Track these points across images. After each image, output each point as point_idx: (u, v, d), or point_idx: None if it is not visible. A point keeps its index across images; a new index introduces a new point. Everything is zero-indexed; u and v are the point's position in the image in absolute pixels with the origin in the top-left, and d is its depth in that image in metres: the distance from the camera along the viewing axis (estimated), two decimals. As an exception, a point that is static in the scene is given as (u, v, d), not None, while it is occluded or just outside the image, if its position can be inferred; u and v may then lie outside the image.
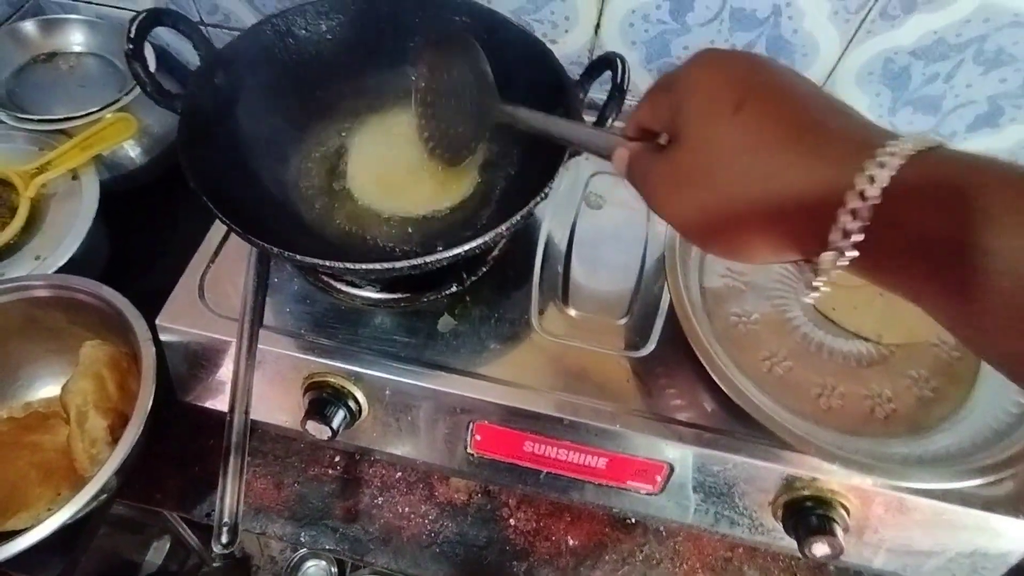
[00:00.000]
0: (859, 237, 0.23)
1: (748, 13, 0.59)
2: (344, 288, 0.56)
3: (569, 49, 0.67)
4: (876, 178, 0.23)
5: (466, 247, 0.45)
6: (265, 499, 0.63)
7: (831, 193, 0.24)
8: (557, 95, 0.54)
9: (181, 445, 0.64)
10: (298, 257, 0.44)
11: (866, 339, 0.53)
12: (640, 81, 0.69)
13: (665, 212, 0.31)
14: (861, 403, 0.51)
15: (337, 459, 0.65)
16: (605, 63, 0.51)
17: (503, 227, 0.46)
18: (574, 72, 0.68)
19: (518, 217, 0.46)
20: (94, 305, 0.58)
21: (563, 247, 0.62)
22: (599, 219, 0.64)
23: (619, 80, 0.48)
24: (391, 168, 0.57)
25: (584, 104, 0.53)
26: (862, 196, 0.23)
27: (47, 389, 0.63)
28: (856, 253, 0.24)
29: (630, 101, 0.48)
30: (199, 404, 0.60)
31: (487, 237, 0.45)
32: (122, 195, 0.72)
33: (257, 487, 0.63)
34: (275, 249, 0.44)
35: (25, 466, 0.56)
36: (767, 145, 0.26)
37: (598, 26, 0.64)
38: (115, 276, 0.70)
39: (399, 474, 0.65)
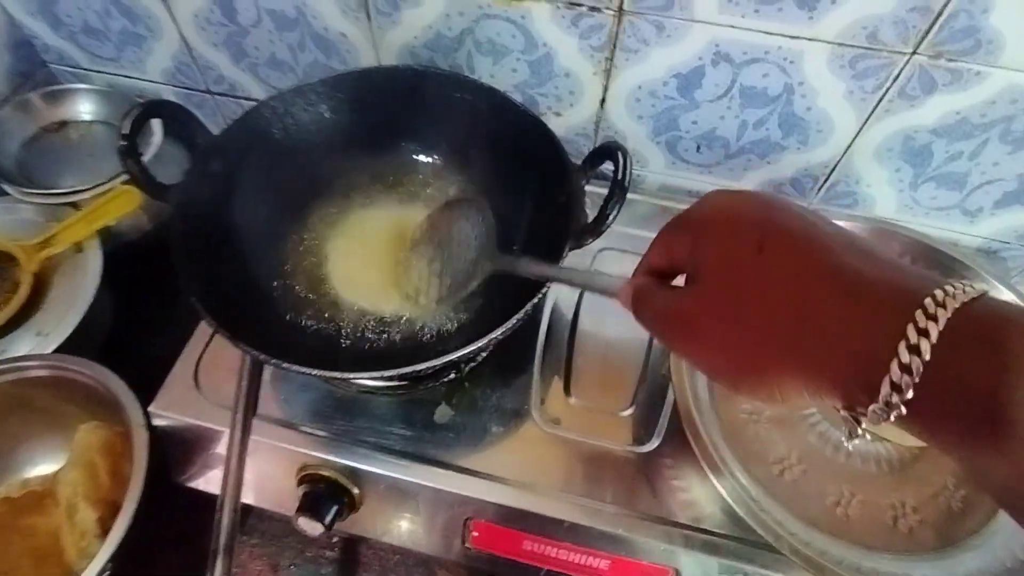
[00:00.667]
0: (910, 394, 0.22)
1: (759, 91, 0.57)
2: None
3: (574, 121, 0.66)
4: (928, 331, 0.22)
5: (459, 354, 0.43)
6: (260, 583, 0.61)
7: (877, 343, 0.23)
8: (559, 180, 0.52)
9: (176, 523, 0.63)
10: (294, 368, 0.42)
11: (888, 440, 0.50)
12: (649, 154, 0.67)
13: (689, 353, 0.30)
14: (882, 514, 0.48)
15: (335, 539, 0.64)
16: (606, 153, 0.49)
17: (499, 332, 0.44)
18: (579, 143, 0.68)
19: (514, 321, 0.45)
20: (90, 386, 0.58)
21: (566, 330, 0.60)
22: (604, 299, 0.62)
23: (620, 176, 0.46)
24: (383, 262, 0.56)
25: (585, 193, 0.51)
26: (914, 350, 0.22)
27: (44, 466, 0.63)
28: (905, 410, 0.22)
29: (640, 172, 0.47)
30: (194, 488, 0.58)
31: (478, 344, 0.43)
32: (127, 260, 0.71)
33: (252, 569, 0.62)
34: (270, 359, 0.42)
35: (18, 553, 0.55)
36: (798, 283, 0.25)
37: (603, 100, 0.62)
38: (117, 344, 0.70)
39: (397, 557, 0.63)
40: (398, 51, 0.64)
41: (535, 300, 0.46)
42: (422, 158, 0.63)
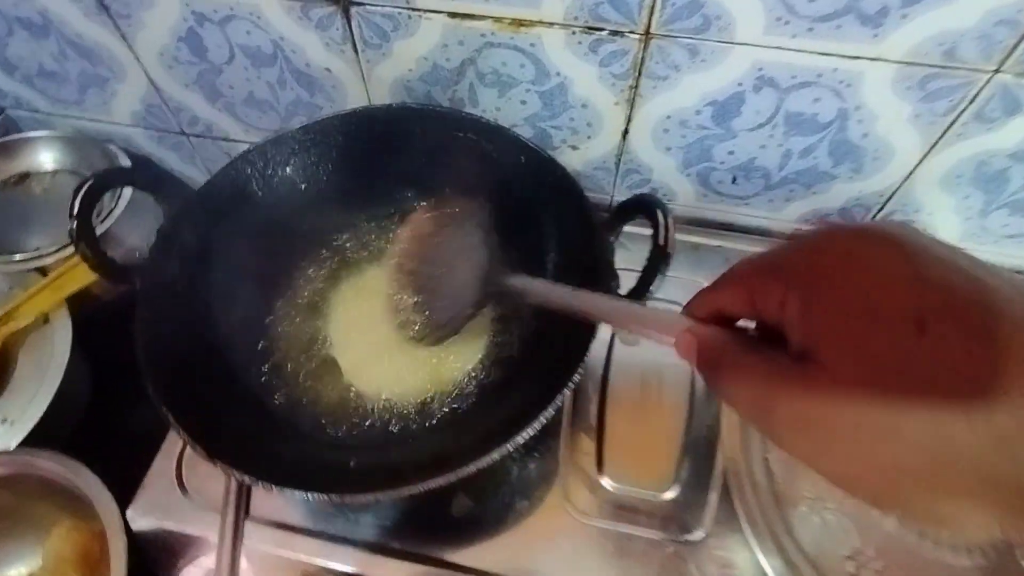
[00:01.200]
0: None
1: (808, 118, 0.50)
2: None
3: (593, 154, 0.58)
4: None
5: (472, 467, 0.36)
6: None
7: None
8: (583, 238, 0.45)
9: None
10: (276, 489, 0.36)
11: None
12: (677, 187, 0.60)
13: (809, 458, 0.21)
14: (977, 620, 0.41)
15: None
16: (640, 208, 0.42)
17: (524, 433, 0.37)
18: (598, 178, 0.60)
19: (543, 417, 0.37)
20: (62, 484, 0.51)
21: (595, 399, 0.53)
22: (635, 357, 0.55)
23: (662, 240, 0.39)
24: (382, 336, 0.48)
25: (614, 252, 0.44)
26: None
27: (18, 566, 0.56)
28: None
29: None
30: (183, 592, 0.52)
31: (496, 453, 0.36)
32: (100, 323, 0.64)
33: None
34: (258, 481, 0.36)
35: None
36: (985, 382, 0.17)
37: (626, 131, 0.55)
38: (95, 419, 0.64)
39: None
40: (391, 86, 0.56)
41: (577, 375, 0.38)
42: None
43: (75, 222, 0.41)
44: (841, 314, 0.20)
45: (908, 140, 0.50)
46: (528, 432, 0.36)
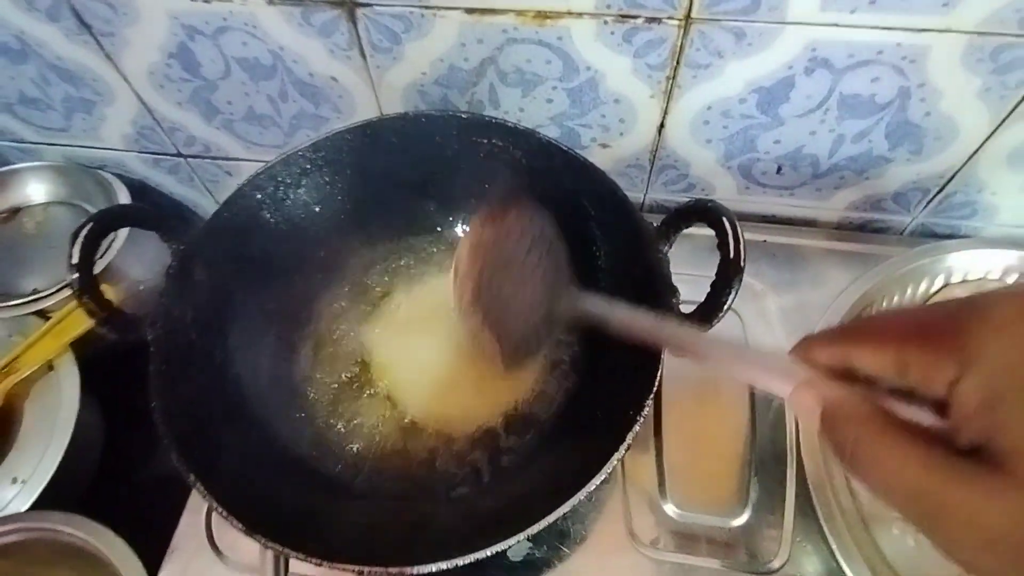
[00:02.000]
0: None
1: (865, 99, 0.45)
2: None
3: (626, 152, 0.54)
4: None
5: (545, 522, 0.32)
6: None
7: None
8: (631, 246, 0.41)
9: None
10: (324, 564, 0.32)
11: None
12: (717, 181, 0.55)
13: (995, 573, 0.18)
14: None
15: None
16: (699, 214, 0.37)
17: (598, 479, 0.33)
18: (631, 175, 0.56)
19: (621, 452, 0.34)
20: (81, 547, 0.48)
21: (650, 416, 0.49)
22: (687, 368, 0.51)
23: (732, 254, 0.35)
24: (431, 368, 0.45)
25: (670, 262, 0.40)
26: None
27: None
28: None
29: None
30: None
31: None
32: (110, 364, 0.61)
33: None
34: (300, 555, 0.32)
35: None
36: None
37: (662, 125, 0.50)
38: (115, 462, 0.60)
39: None
40: (403, 92, 0.52)
41: (646, 408, 0.35)
42: (447, 224, 0.52)
43: (75, 273, 0.36)
44: None
45: (975, 116, 0.45)
46: (598, 480, 0.33)
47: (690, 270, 0.39)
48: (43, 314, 0.58)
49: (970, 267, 0.48)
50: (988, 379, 0.18)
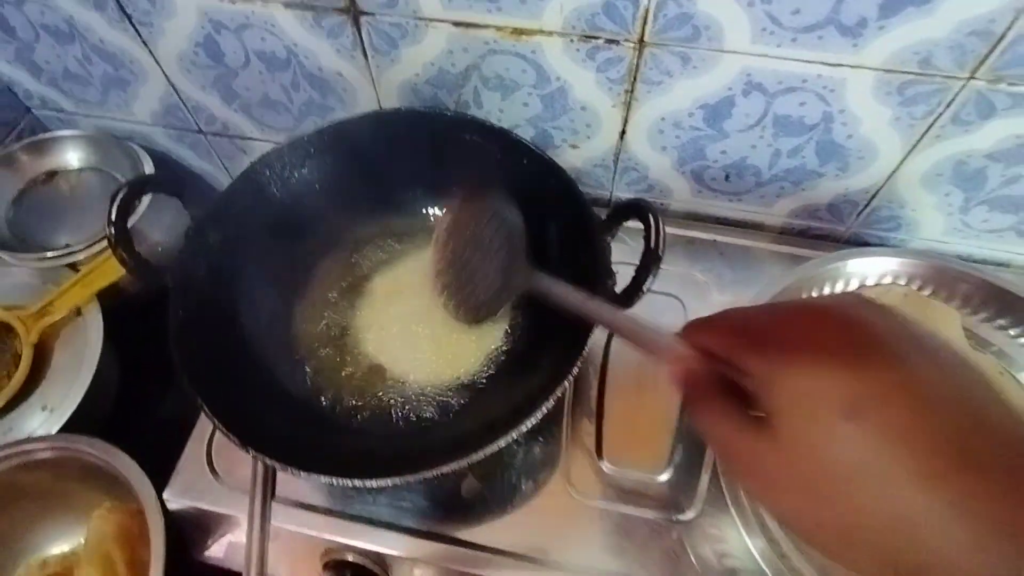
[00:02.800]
0: None
1: (795, 120, 0.52)
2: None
3: (593, 153, 0.61)
4: None
5: (497, 445, 0.39)
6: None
7: (1004, 568, 0.19)
8: (581, 236, 0.48)
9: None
10: (303, 475, 0.39)
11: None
12: (673, 184, 0.62)
13: (757, 499, 0.26)
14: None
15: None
16: (634, 211, 0.45)
17: (537, 415, 0.40)
18: (598, 174, 0.63)
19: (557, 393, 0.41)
20: (101, 467, 0.55)
21: (595, 385, 0.56)
22: (632, 354, 0.58)
23: (653, 244, 0.42)
24: (408, 327, 0.52)
25: (611, 250, 0.47)
26: None
27: (61, 544, 0.61)
28: None
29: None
30: (215, 565, 0.56)
31: (520, 429, 0.39)
32: (129, 315, 0.68)
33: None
34: (284, 466, 0.39)
35: (41, 644, 0.54)
36: (891, 482, 0.21)
37: (623, 132, 0.58)
38: (127, 408, 0.68)
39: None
40: (399, 88, 0.59)
41: (575, 368, 0.42)
42: (431, 207, 0.59)
43: (112, 228, 0.44)
44: (793, 392, 0.23)
45: (890, 141, 0.52)
46: (531, 422, 0.40)
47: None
48: (74, 267, 0.66)
49: (868, 271, 0.55)
50: (770, 366, 0.24)
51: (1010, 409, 0.21)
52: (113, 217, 0.44)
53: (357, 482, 0.39)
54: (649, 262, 0.42)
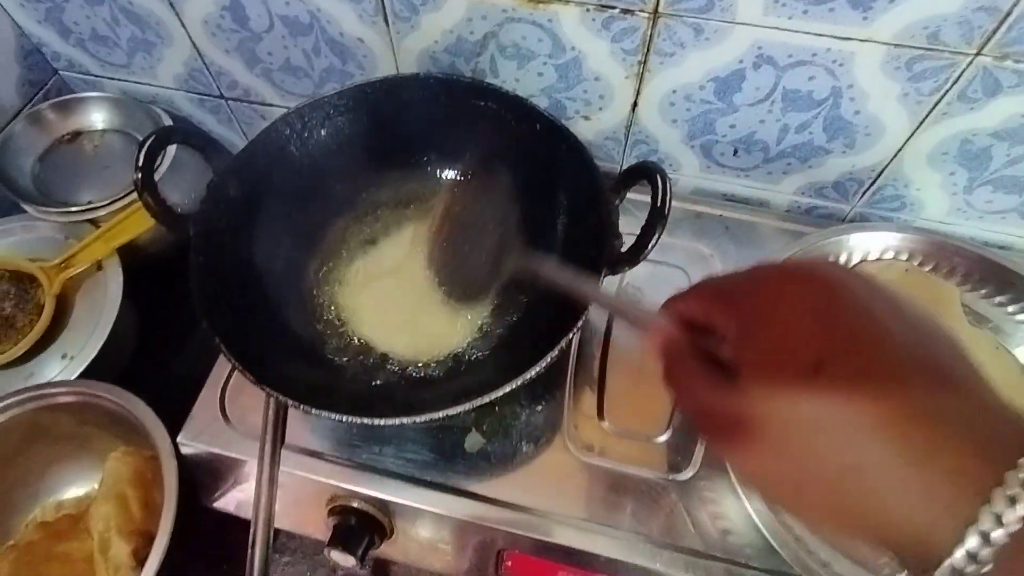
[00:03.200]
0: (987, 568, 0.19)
1: (804, 95, 0.53)
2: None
3: (603, 126, 0.62)
4: (1004, 516, 0.19)
5: (494, 395, 0.41)
6: (293, 601, 0.61)
7: (940, 527, 0.20)
8: (590, 201, 0.49)
9: (210, 543, 0.63)
10: (315, 412, 0.41)
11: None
12: (682, 158, 0.64)
13: (724, 458, 0.27)
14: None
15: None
16: (642, 174, 0.46)
17: (534, 371, 0.42)
18: (608, 148, 0.65)
19: (551, 357, 0.42)
20: (117, 412, 0.57)
21: (598, 348, 0.58)
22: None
23: (659, 203, 0.43)
24: (412, 287, 0.54)
25: (619, 214, 0.48)
26: (986, 538, 0.19)
27: (76, 488, 0.63)
28: None
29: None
30: (224, 511, 0.58)
31: (514, 385, 0.41)
32: (147, 274, 0.70)
33: (285, 587, 0.62)
34: (295, 403, 0.41)
35: (55, 580, 0.56)
36: (855, 430, 0.21)
37: (635, 104, 0.59)
38: (142, 361, 0.70)
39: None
40: (417, 56, 0.60)
41: (573, 333, 0.43)
42: (445, 172, 0.60)
43: (139, 173, 0.46)
44: (761, 348, 0.24)
45: (897, 118, 0.53)
46: (535, 371, 0.42)
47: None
48: (95, 223, 0.68)
49: (870, 246, 0.56)
50: (741, 321, 0.25)
51: (974, 366, 0.22)
52: (141, 163, 0.45)
53: (366, 420, 0.41)
54: (655, 221, 0.43)
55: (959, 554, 0.19)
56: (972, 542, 0.19)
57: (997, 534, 0.19)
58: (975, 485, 0.19)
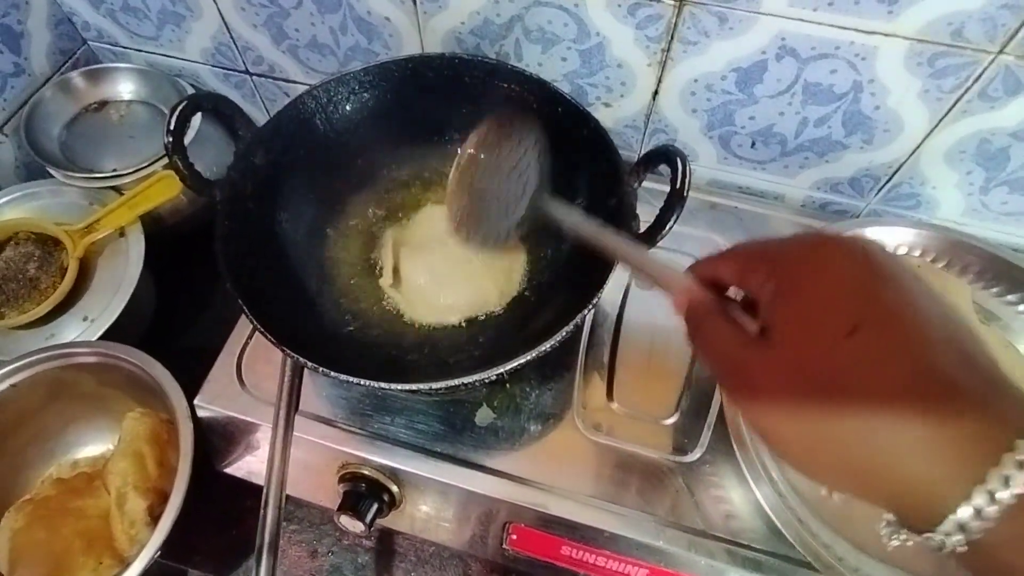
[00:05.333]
0: (979, 535, 0.20)
1: (824, 88, 0.54)
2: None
3: (624, 113, 0.63)
4: (1012, 479, 0.20)
5: (510, 366, 0.42)
6: (299, 568, 0.62)
7: (949, 479, 0.21)
8: (610, 182, 0.50)
9: (221, 508, 0.64)
10: (332, 374, 0.42)
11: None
12: (700, 149, 0.64)
13: (744, 412, 0.27)
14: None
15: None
16: (662, 157, 0.47)
17: (547, 345, 0.43)
18: (628, 135, 0.65)
19: (562, 333, 0.43)
20: (136, 373, 0.58)
21: (610, 333, 0.58)
22: (648, 300, 0.60)
23: (679, 184, 0.44)
24: (435, 262, 0.54)
25: (637, 196, 0.49)
26: (991, 498, 0.20)
27: (93, 447, 0.65)
28: (966, 548, 0.21)
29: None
30: (237, 476, 0.59)
31: (529, 357, 0.42)
32: (168, 243, 0.72)
33: (292, 554, 0.63)
34: (313, 365, 0.42)
35: (70, 535, 0.57)
36: (878, 389, 0.22)
37: (656, 92, 0.59)
38: (161, 328, 0.71)
39: (432, 548, 0.63)
40: (443, 37, 0.61)
41: (592, 304, 0.44)
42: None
43: (170, 137, 0.47)
44: (796, 306, 0.25)
45: (917, 114, 0.54)
46: (552, 342, 0.42)
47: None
48: (119, 190, 0.69)
49: (884, 241, 0.56)
50: (779, 282, 0.26)
51: (984, 346, 0.23)
52: (172, 126, 0.47)
53: (384, 384, 0.42)
54: (673, 202, 0.44)
55: (964, 511, 0.20)
56: (979, 500, 0.20)
57: (1003, 494, 0.20)
58: (986, 450, 0.20)
